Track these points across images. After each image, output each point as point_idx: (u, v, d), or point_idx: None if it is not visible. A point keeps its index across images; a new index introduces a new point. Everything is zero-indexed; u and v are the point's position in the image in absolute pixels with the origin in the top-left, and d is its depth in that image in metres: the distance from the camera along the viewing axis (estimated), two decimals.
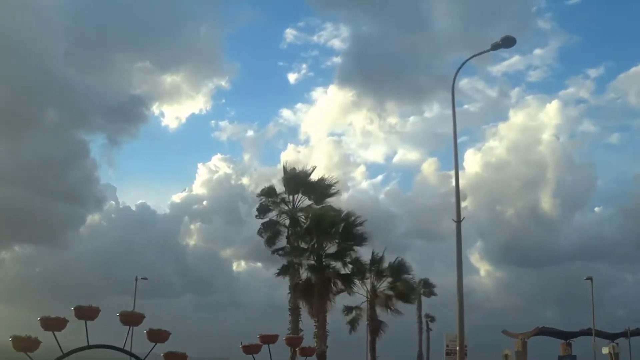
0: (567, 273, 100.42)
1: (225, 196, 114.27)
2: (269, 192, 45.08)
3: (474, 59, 27.05)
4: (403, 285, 45.19)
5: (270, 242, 43.98)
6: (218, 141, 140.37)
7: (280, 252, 43.37)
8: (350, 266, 42.41)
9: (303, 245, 41.97)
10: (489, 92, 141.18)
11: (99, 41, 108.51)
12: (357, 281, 43.63)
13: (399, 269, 45.54)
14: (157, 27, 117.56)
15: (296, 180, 44.53)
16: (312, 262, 41.54)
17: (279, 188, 44.98)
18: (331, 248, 41.92)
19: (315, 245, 41.39)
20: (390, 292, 44.83)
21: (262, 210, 44.82)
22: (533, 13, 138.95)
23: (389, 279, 45.27)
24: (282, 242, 43.69)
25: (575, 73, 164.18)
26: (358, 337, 46.88)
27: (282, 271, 42.69)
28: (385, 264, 45.42)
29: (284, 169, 45.39)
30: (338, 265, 41.94)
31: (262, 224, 44.44)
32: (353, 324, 44.89)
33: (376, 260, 44.77)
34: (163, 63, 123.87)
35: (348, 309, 44.75)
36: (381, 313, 45.03)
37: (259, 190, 45.93)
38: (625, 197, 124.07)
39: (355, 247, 42.49)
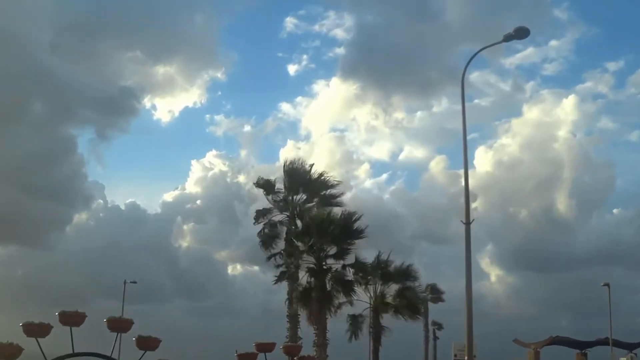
0: (583, 279, 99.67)
1: (220, 195, 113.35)
2: (266, 185, 45.10)
3: (486, 51, 27.09)
4: (412, 294, 45.08)
5: (267, 244, 44.06)
6: (213, 136, 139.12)
7: (277, 256, 43.38)
8: (351, 270, 42.26)
9: (302, 247, 41.92)
10: (501, 85, 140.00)
11: (87, 29, 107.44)
12: (359, 286, 43.52)
13: (406, 275, 45.36)
14: (149, 15, 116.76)
15: (296, 178, 44.56)
16: (312, 265, 41.46)
17: (278, 186, 45.11)
18: (331, 250, 41.83)
19: (315, 247, 41.35)
20: (397, 301, 44.64)
21: (260, 215, 44.91)
22: (549, 2, 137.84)
23: (395, 287, 45.12)
24: (281, 245, 43.79)
25: (593, 66, 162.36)
26: (360, 345, 46.85)
27: (280, 278, 42.64)
28: (391, 268, 45.25)
29: (284, 166, 45.46)
30: (339, 267, 41.79)
31: (264, 225, 44.56)
32: (355, 330, 44.84)
33: (381, 264, 44.58)
34: (155, 53, 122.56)
35: (352, 318, 44.67)
36: (384, 319, 44.96)
37: (256, 181, 46.17)
38: None
39: (356, 242, 42.23)
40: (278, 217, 44.97)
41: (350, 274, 42.07)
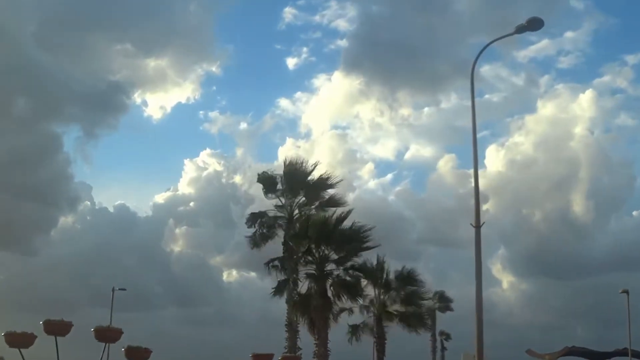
0: (600, 285, 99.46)
1: (215, 196, 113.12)
2: (268, 181, 44.92)
3: (497, 43, 27.09)
4: (417, 301, 45.10)
5: (258, 244, 44.03)
6: (207, 134, 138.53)
7: (275, 261, 43.26)
8: (354, 274, 42.25)
9: (301, 251, 41.92)
10: (514, 80, 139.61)
11: (73, 20, 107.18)
12: (362, 293, 43.51)
13: (408, 281, 45.37)
14: (140, 5, 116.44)
15: (296, 178, 44.47)
16: (312, 270, 41.49)
17: (279, 186, 45.02)
18: (333, 254, 41.84)
19: (315, 252, 41.37)
20: (397, 309, 44.67)
21: (256, 217, 44.84)
22: None
23: (399, 294, 45.13)
24: (273, 247, 43.74)
25: (612, 59, 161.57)
26: (363, 356, 46.98)
27: (279, 289, 42.48)
28: (392, 273, 45.29)
29: (285, 166, 45.32)
30: (341, 273, 41.83)
31: (259, 225, 44.47)
32: (356, 335, 44.85)
33: (380, 268, 44.51)
34: (146, 45, 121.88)
35: (354, 328, 44.68)
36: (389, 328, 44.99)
37: (258, 175, 46.09)
38: None
39: (359, 246, 42.26)
40: (276, 219, 44.88)
41: (354, 277, 42.15)
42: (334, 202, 44.41)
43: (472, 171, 25.72)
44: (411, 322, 44.56)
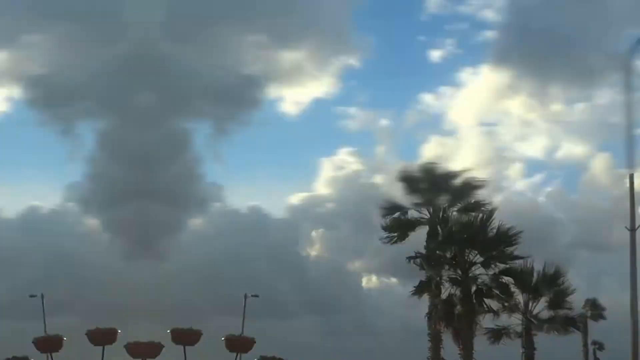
0: None
1: (354, 197, 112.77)
2: (410, 180, 44.87)
3: None
4: (564, 301, 44.32)
5: (392, 238, 44.07)
6: (346, 131, 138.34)
7: (417, 260, 43.01)
8: (501, 279, 41.88)
9: (445, 256, 41.76)
10: None
11: (203, 10, 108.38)
12: (510, 299, 43.02)
13: (554, 280, 44.61)
14: None
15: (440, 179, 44.33)
16: (456, 275, 41.29)
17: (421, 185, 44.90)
18: (478, 258, 41.54)
19: (459, 256, 41.14)
20: (550, 313, 44.04)
21: (394, 209, 44.78)
22: None
23: (545, 298, 44.49)
24: (411, 245, 43.66)
25: None
26: None
27: (419, 289, 42.33)
28: (542, 278, 44.60)
29: (427, 165, 45.23)
30: (487, 278, 41.50)
31: (399, 216, 44.47)
32: (498, 338, 44.33)
33: (528, 272, 43.89)
34: (281, 37, 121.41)
35: (495, 334, 43.99)
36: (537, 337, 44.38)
37: (399, 174, 46.10)
38: None
39: (506, 250, 41.82)
40: (416, 220, 44.78)
41: (501, 282, 41.77)
42: (479, 205, 44.15)
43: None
44: (559, 326, 43.76)
